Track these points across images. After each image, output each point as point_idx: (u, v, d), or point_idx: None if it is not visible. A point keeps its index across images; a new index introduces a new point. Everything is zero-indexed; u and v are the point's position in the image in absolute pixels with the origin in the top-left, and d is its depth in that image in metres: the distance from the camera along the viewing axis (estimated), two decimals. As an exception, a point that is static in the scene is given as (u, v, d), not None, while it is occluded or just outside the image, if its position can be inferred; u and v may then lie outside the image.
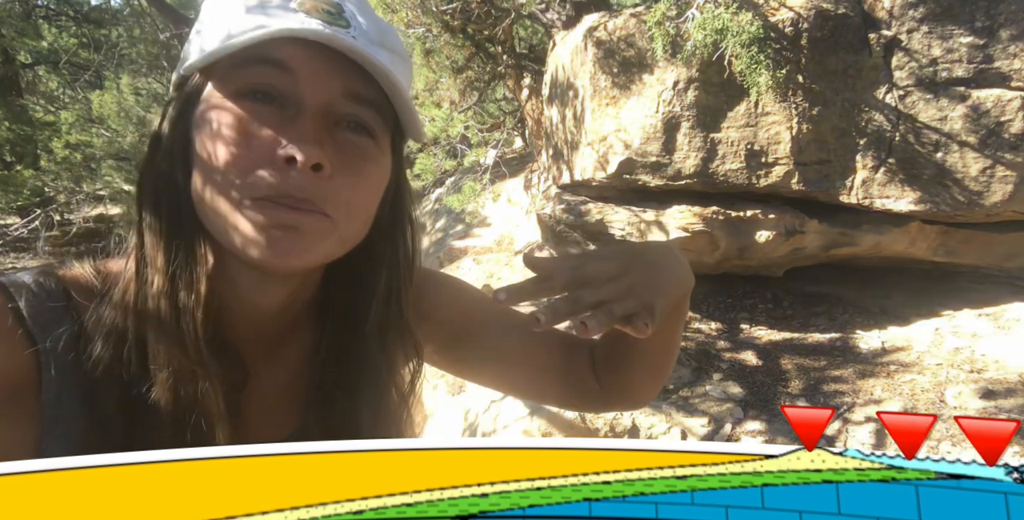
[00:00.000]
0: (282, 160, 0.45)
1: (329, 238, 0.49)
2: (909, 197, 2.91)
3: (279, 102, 0.48)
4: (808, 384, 2.83)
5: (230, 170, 0.46)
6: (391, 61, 0.50)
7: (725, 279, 3.82)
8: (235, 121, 0.47)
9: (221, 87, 0.48)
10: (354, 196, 0.50)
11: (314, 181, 0.46)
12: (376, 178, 0.53)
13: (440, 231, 6.60)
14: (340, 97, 0.49)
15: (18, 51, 7.27)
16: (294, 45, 0.47)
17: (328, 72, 0.48)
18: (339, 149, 0.48)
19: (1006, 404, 2.46)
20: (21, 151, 7.06)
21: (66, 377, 0.47)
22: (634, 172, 3.25)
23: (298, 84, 0.47)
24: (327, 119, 0.49)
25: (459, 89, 5.47)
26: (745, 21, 2.67)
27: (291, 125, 0.47)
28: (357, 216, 0.51)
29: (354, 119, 0.50)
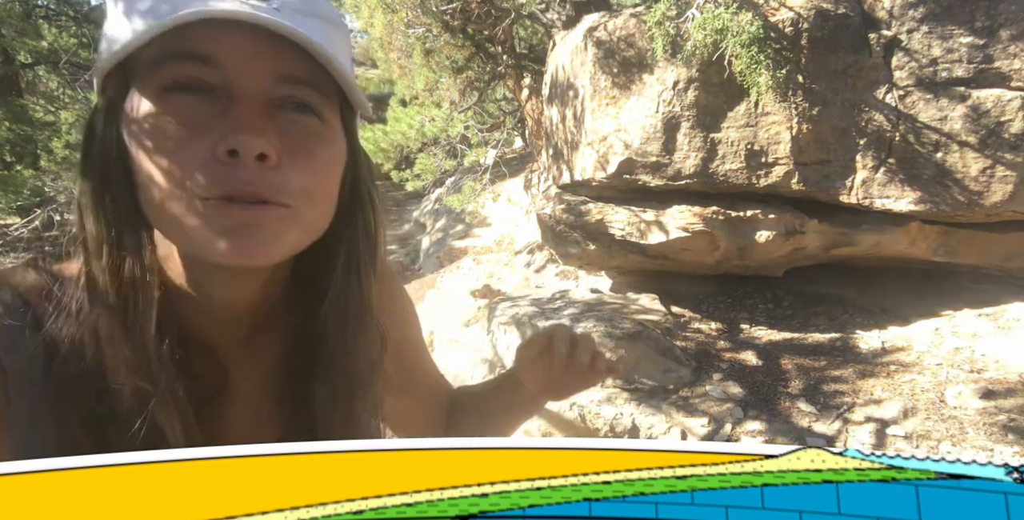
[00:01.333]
0: (224, 154, 0.42)
1: (292, 228, 0.46)
2: (909, 197, 2.91)
3: (208, 94, 0.44)
4: (808, 384, 2.83)
5: (171, 173, 0.43)
6: (323, 31, 0.46)
7: (725, 279, 3.82)
8: (166, 120, 0.43)
9: (143, 86, 0.44)
10: (309, 181, 0.46)
11: (262, 172, 0.43)
12: (330, 158, 0.49)
13: (440, 231, 6.60)
14: (273, 82, 0.45)
15: (18, 51, 7.26)
16: (213, 30, 0.43)
17: (256, 56, 0.44)
18: (283, 134, 0.45)
19: (1006, 404, 2.46)
20: (21, 151, 7.06)
21: (35, 396, 0.45)
22: (634, 172, 3.25)
23: (225, 73, 0.44)
24: (264, 103, 0.45)
25: (459, 89, 5.47)
26: (745, 21, 2.67)
27: (225, 115, 0.43)
28: (317, 201, 0.48)
29: (294, 100, 0.46)
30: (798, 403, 2.70)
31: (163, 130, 0.43)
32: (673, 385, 2.84)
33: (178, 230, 0.45)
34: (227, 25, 0.43)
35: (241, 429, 0.56)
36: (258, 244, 0.44)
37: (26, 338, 0.46)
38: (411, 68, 5.18)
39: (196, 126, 0.43)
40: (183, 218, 0.43)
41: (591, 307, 3.38)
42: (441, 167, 5.65)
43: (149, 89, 0.44)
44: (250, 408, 0.57)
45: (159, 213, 0.45)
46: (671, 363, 2.94)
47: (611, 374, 0.74)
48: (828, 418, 2.57)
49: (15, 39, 6.81)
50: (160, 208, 0.44)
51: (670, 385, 2.84)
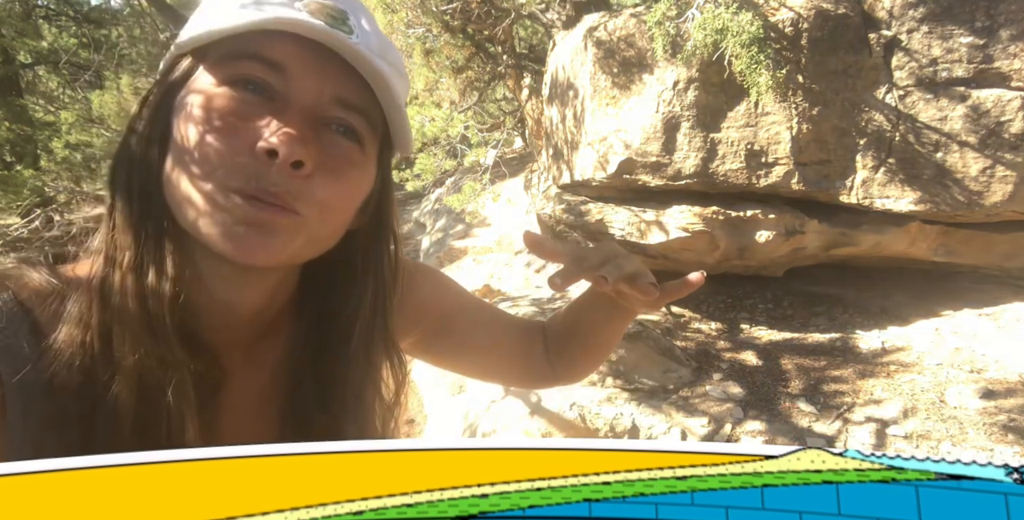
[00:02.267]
0: (263, 152, 0.44)
1: (297, 237, 0.48)
2: (909, 197, 2.91)
3: (267, 94, 0.46)
4: (808, 384, 2.83)
5: (206, 157, 0.45)
6: (390, 74, 0.49)
7: (725, 279, 3.82)
8: (219, 106, 0.45)
9: (210, 74, 0.46)
10: (330, 197, 0.48)
11: (291, 178, 0.45)
12: (356, 183, 0.51)
13: (440, 231, 6.60)
14: (330, 101, 0.48)
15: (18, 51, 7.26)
16: (291, 43, 0.45)
17: (321, 74, 0.47)
18: (323, 149, 0.47)
19: (1006, 404, 2.46)
20: (21, 151, 7.06)
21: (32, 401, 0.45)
22: (634, 172, 3.25)
23: (289, 82, 0.46)
24: (316, 118, 0.47)
25: (459, 89, 5.47)
26: (745, 21, 2.67)
27: (277, 118, 0.45)
28: (330, 218, 0.50)
29: (343, 124, 0.49)
30: (798, 403, 2.70)
31: (213, 113, 0.45)
32: (673, 385, 2.84)
33: (193, 214, 0.46)
34: (304, 44, 0.46)
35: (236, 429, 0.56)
36: (260, 244, 0.46)
37: (25, 343, 0.46)
38: (411, 68, 5.18)
39: (247, 118, 0.45)
40: (201, 203, 0.45)
41: (591, 307, 3.38)
42: (441, 167, 5.64)
43: (215, 77, 0.46)
44: (247, 410, 0.57)
45: (181, 193, 0.46)
46: (671, 363, 2.94)
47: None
48: (828, 418, 2.57)
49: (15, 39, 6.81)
50: (184, 189, 0.46)
51: (670, 385, 2.84)
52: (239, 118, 0.45)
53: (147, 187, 0.48)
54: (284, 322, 0.59)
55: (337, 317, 0.56)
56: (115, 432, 0.46)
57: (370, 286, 0.56)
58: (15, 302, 0.47)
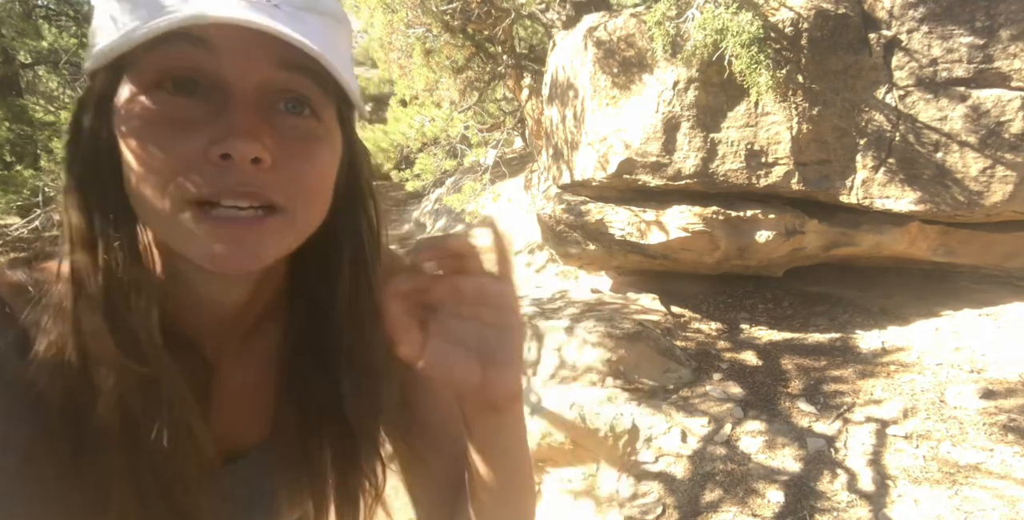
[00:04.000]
0: (217, 158, 0.41)
1: (285, 234, 0.46)
2: (909, 197, 2.91)
3: (202, 90, 0.42)
4: (808, 384, 2.83)
5: (161, 175, 0.42)
6: (323, 27, 0.45)
7: (725, 279, 3.82)
8: (155, 120, 0.42)
9: (136, 76, 0.42)
10: (306, 183, 0.46)
11: (257, 173, 0.42)
12: (327, 159, 0.48)
13: (440, 231, 6.60)
14: (273, 68, 0.43)
15: (18, 51, 7.26)
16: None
17: (254, 44, 0.42)
18: (280, 136, 0.44)
19: (1006, 404, 2.46)
20: (21, 151, 7.06)
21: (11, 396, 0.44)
22: (634, 172, 3.25)
23: (221, 62, 0.42)
24: (260, 103, 0.44)
25: (459, 89, 5.47)
26: (745, 21, 2.67)
27: (218, 117, 0.42)
28: (313, 203, 0.47)
29: (292, 96, 0.45)
30: (798, 403, 2.69)
31: (153, 128, 0.42)
32: (673, 385, 2.84)
33: (166, 229, 0.44)
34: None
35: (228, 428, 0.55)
36: (248, 255, 0.44)
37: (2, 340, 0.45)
38: (411, 68, 5.18)
39: (188, 126, 0.42)
40: (172, 219, 0.43)
41: (591, 307, 3.38)
42: (441, 167, 5.64)
43: (140, 82, 0.42)
44: (235, 407, 0.56)
45: (147, 210, 0.43)
46: (671, 363, 2.94)
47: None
48: (828, 418, 2.57)
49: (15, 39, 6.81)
50: (149, 205, 0.43)
51: (670, 385, 2.84)
52: (180, 125, 0.42)
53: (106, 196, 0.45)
54: (277, 312, 0.57)
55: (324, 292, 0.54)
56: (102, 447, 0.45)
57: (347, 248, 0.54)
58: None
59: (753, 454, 2.42)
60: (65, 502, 0.46)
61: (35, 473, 0.45)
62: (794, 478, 2.28)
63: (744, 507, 2.21)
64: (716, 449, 2.47)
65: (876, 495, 2.14)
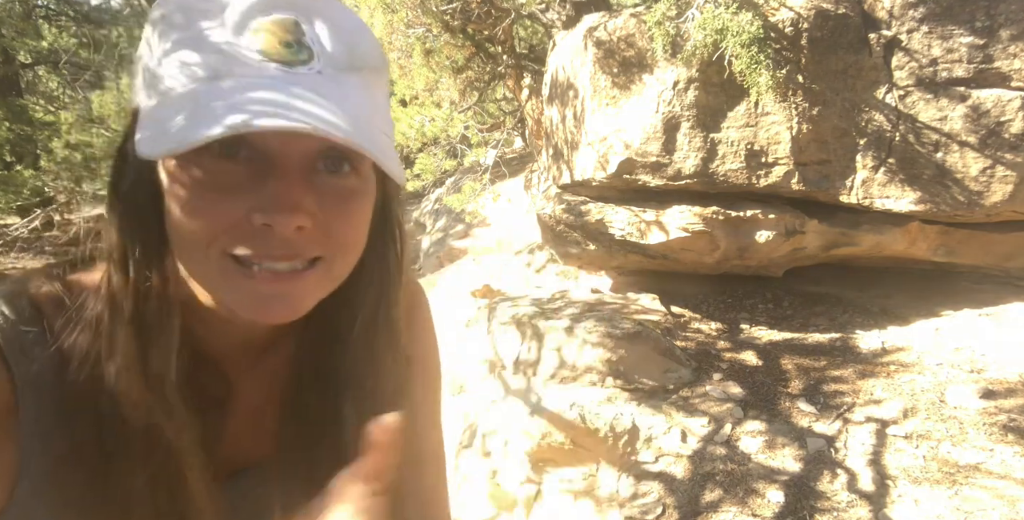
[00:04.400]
0: (259, 226, 0.42)
1: (323, 284, 0.47)
2: (909, 197, 2.91)
3: (245, 153, 0.43)
4: (808, 384, 2.83)
5: (203, 233, 0.43)
6: (363, 86, 0.46)
7: (725, 279, 3.82)
8: (199, 179, 0.42)
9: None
10: (346, 235, 0.47)
11: (298, 237, 0.43)
12: (364, 210, 0.49)
13: (440, 231, 6.60)
14: (316, 153, 0.44)
15: (18, 51, 7.27)
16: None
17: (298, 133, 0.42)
18: (320, 196, 0.44)
19: (1006, 404, 2.46)
20: (21, 151, 7.06)
21: (44, 403, 0.46)
22: (634, 172, 3.25)
23: (265, 136, 0.42)
24: (302, 167, 0.44)
25: (459, 89, 5.47)
26: (745, 21, 2.67)
27: (261, 184, 0.42)
28: (350, 252, 0.49)
29: (331, 155, 0.45)
30: (798, 403, 2.70)
31: (196, 187, 0.43)
32: (673, 385, 2.84)
33: (205, 279, 0.45)
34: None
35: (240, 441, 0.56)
36: (288, 307, 0.45)
37: (39, 348, 0.46)
38: (411, 68, 5.18)
39: (230, 190, 0.42)
40: (213, 268, 0.44)
41: (591, 307, 3.38)
42: (441, 167, 5.64)
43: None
44: (249, 421, 0.57)
45: (187, 257, 0.45)
46: (671, 363, 2.94)
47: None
48: (828, 418, 2.57)
49: (15, 39, 6.81)
50: (189, 253, 0.44)
51: (670, 385, 2.84)
52: (223, 188, 0.42)
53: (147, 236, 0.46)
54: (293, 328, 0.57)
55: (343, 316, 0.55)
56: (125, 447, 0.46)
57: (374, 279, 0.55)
58: (32, 305, 0.47)
59: (753, 454, 2.42)
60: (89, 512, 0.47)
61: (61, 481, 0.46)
62: (794, 478, 2.28)
63: (744, 507, 2.21)
64: (716, 449, 2.47)
65: (876, 495, 2.14)
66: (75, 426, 0.46)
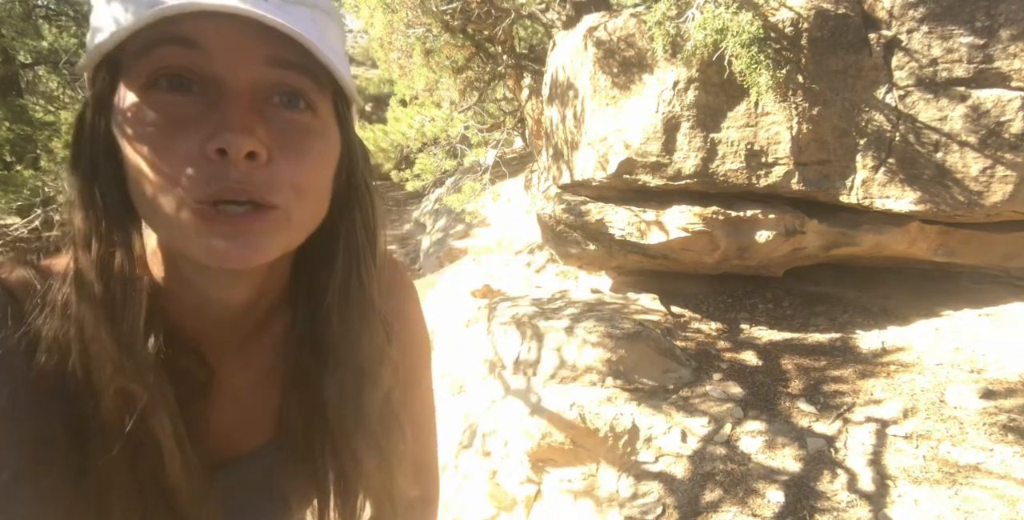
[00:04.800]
0: (213, 153, 0.41)
1: (282, 230, 0.46)
2: (909, 197, 2.91)
3: (197, 88, 0.43)
4: (808, 384, 2.83)
5: (161, 172, 0.42)
6: (312, 19, 0.45)
7: (725, 279, 3.82)
8: (152, 120, 0.42)
9: (131, 77, 0.43)
10: (301, 178, 0.46)
11: (253, 170, 0.43)
12: (323, 154, 0.48)
13: (440, 231, 6.60)
14: (264, 66, 0.44)
15: (18, 51, 7.27)
16: (199, 18, 0.41)
17: (244, 40, 0.43)
18: (274, 130, 0.44)
19: (1006, 404, 2.46)
20: (21, 151, 7.06)
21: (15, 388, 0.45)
22: (634, 172, 3.25)
23: (212, 62, 0.42)
24: (254, 98, 0.44)
25: (459, 89, 5.47)
26: (745, 21, 2.67)
27: (213, 113, 0.42)
28: (308, 200, 0.47)
29: (285, 90, 0.45)
30: (798, 403, 2.70)
31: (150, 127, 0.42)
32: (673, 385, 2.84)
33: (168, 229, 0.44)
34: (214, 15, 0.41)
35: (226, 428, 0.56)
36: (248, 248, 0.44)
37: (9, 332, 0.45)
38: (411, 68, 5.18)
39: (184, 123, 0.42)
40: (173, 218, 0.43)
41: (591, 307, 3.38)
42: (441, 167, 5.64)
43: (136, 83, 0.43)
44: (238, 407, 0.56)
45: (150, 210, 0.44)
46: (671, 363, 2.94)
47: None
48: (828, 418, 2.57)
49: (15, 39, 6.81)
50: (151, 205, 0.43)
51: (670, 385, 2.84)
52: (176, 122, 0.42)
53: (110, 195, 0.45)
54: (280, 311, 0.57)
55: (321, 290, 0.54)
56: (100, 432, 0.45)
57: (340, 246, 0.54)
58: (3, 293, 0.47)
59: (753, 454, 2.42)
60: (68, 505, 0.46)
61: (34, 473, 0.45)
62: (794, 478, 2.28)
63: (744, 507, 2.21)
64: (716, 449, 2.47)
65: (876, 495, 2.14)
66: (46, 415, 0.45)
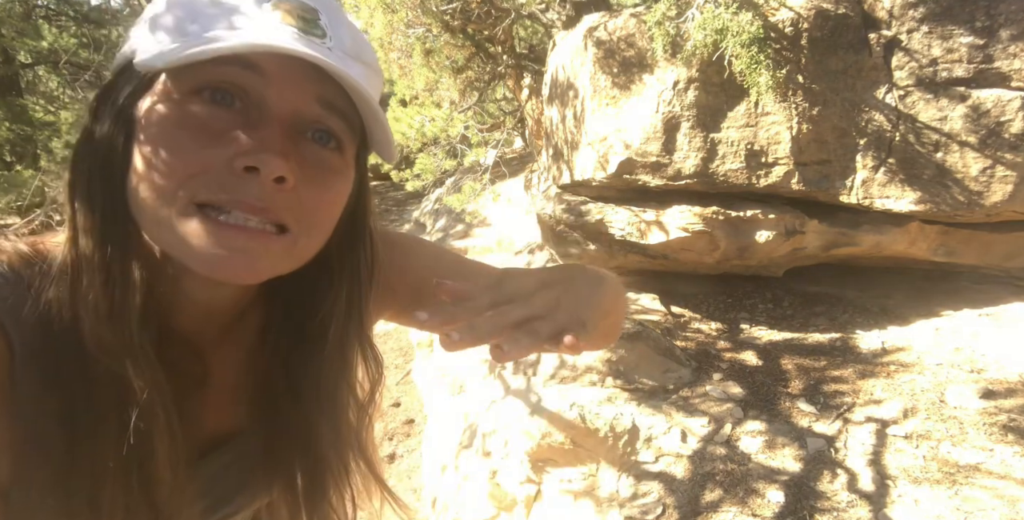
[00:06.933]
0: (241, 169, 0.42)
1: (285, 255, 0.47)
2: (909, 197, 2.91)
3: (240, 106, 0.44)
4: (808, 384, 2.83)
5: (175, 177, 0.42)
6: (365, 76, 0.47)
7: (725, 279, 3.82)
8: (188, 119, 0.43)
9: (176, 81, 0.43)
10: (317, 210, 0.47)
11: (275, 192, 0.43)
12: (340, 192, 0.50)
13: (440, 231, 6.60)
14: (311, 103, 0.46)
15: (18, 51, 7.27)
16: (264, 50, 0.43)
17: (300, 78, 0.45)
18: (303, 161, 0.45)
19: (1006, 404, 2.46)
20: (21, 151, 7.06)
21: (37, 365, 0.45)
22: (634, 172, 3.25)
23: (268, 87, 0.44)
24: (293, 127, 0.45)
25: (459, 89, 5.47)
26: (745, 21, 2.67)
27: (254, 130, 0.43)
28: (318, 231, 0.49)
29: (322, 128, 0.47)
30: (798, 403, 2.70)
31: (181, 129, 0.43)
32: (673, 385, 2.84)
33: (166, 235, 0.44)
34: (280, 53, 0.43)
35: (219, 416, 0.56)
36: (249, 265, 0.44)
37: (28, 307, 0.45)
38: (411, 68, 5.18)
39: (217, 135, 0.43)
40: (174, 223, 0.43)
41: (591, 307, 3.38)
42: (441, 167, 5.64)
43: (182, 85, 0.43)
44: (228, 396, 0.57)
45: (149, 215, 0.44)
46: (671, 363, 2.94)
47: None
48: (828, 418, 2.57)
49: (15, 39, 6.81)
50: (152, 209, 0.43)
51: (670, 385, 2.84)
52: (210, 132, 0.43)
53: (111, 199, 0.45)
54: (253, 310, 0.58)
55: (312, 317, 0.56)
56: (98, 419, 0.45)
57: (345, 288, 0.55)
58: (9, 267, 0.47)
59: (753, 454, 2.42)
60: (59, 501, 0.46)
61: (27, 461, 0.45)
62: (794, 478, 2.28)
63: (744, 507, 2.21)
64: (716, 449, 2.47)
65: (876, 495, 2.14)
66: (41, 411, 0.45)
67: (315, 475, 0.58)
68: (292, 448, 0.57)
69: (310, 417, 0.56)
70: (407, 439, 4.04)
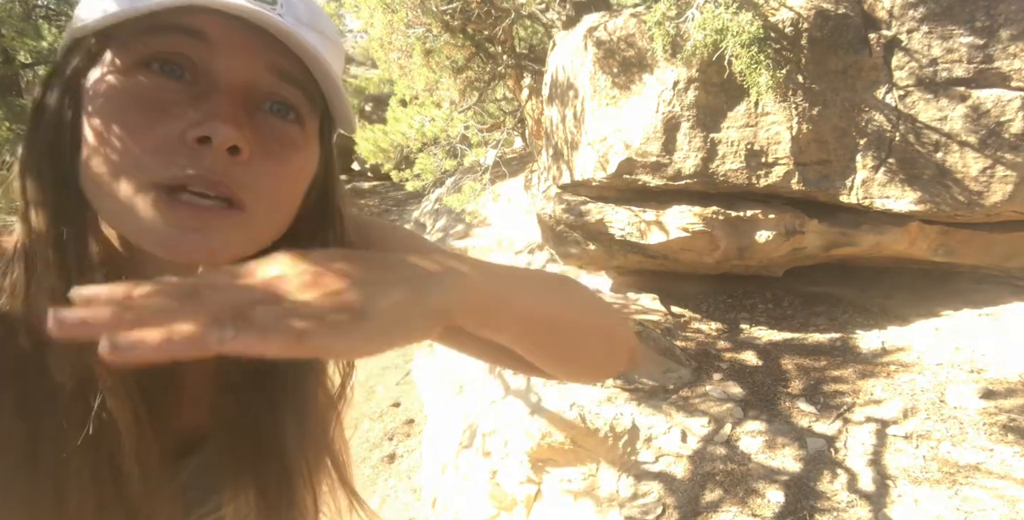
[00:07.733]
0: (193, 140, 0.40)
1: (244, 234, 0.44)
2: (909, 197, 2.91)
3: (189, 76, 0.42)
4: (808, 384, 2.83)
5: (129, 155, 0.40)
6: (321, 43, 0.45)
7: (725, 279, 3.82)
8: (137, 94, 0.41)
9: (121, 54, 0.42)
10: (276, 185, 0.45)
11: (231, 164, 0.41)
12: (301, 167, 0.47)
13: (440, 231, 6.60)
14: (264, 72, 0.43)
15: (18, 51, 7.26)
16: (211, 14, 0.41)
17: (251, 46, 0.42)
18: (260, 134, 0.43)
19: (1006, 404, 2.46)
20: (21, 151, 7.07)
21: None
22: (634, 172, 3.25)
23: (214, 55, 0.42)
24: (247, 99, 0.43)
25: (459, 89, 5.47)
26: (745, 21, 2.67)
27: (203, 101, 0.41)
28: (277, 209, 0.46)
29: (278, 99, 0.45)
30: (798, 403, 2.70)
31: (131, 105, 0.41)
32: (673, 385, 2.84)
33: (122, 213, 0.42)
34: (226, 15, 0.41)
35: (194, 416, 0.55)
36: (205, 245, 0.42)
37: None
38: (411, 68, 5.18)
39: (167, 107, 0.41)
40: (129, 202, 0.41)
41: (591, 307, 3.38)
42: (441, 167, 5.65)
43: (128, 58, 0.42)
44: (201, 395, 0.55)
45: (103, 194, 0.42)
46: (671, 363, 2.94)
47: None
48: (828, 418, 2.57)
49: (15, 39, 6.81)
50: (107, 189, 0.42)
51: (670, 385, 2.84)
52: (160, 106, 0.41)
53: (63, 183, 0.43)
54: None
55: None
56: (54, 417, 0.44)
57: None
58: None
59: (753, 454, 2.42)
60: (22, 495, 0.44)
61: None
62: (794, 478, 2.28)
63: (744, 507, 2.21)
64: (716, 449, 2.47)
65: (876, 495, 2.14)
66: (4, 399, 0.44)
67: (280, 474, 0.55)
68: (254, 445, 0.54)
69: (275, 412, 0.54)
70: (407, 439, 4.04)
